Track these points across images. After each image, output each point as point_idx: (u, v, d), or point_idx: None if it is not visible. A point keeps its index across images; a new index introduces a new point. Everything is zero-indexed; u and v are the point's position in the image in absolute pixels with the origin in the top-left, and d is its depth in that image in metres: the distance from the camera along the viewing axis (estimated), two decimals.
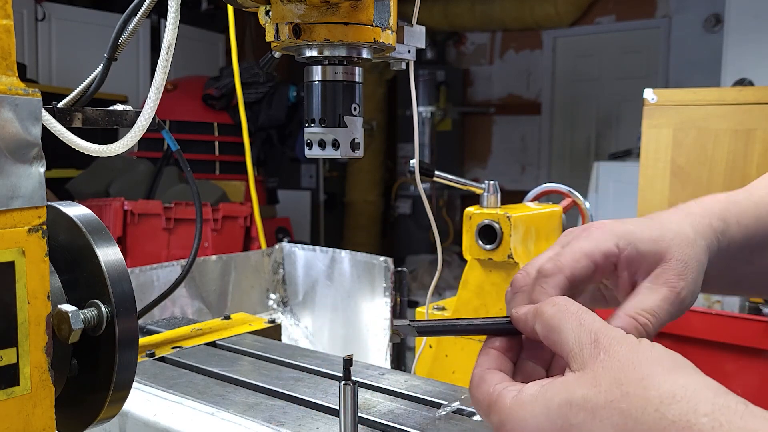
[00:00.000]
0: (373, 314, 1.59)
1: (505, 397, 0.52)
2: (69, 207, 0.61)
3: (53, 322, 0.54)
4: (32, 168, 0.50)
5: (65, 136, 0.64)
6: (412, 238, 7.15)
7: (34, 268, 0.51)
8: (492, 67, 7.46)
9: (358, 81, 0.83)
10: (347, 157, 0.82)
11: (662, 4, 6.37)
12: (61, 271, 0.59)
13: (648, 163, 2.07)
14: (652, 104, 2.04)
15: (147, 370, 1.02)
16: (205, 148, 4.54)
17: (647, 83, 6.06)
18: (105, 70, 0.75)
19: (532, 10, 6.57)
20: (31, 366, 0.51)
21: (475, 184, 1.36)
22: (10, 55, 0.49)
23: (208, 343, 1.16)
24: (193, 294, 1.60)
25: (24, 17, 4.87)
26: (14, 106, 0.49)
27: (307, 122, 0.82)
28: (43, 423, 0.52)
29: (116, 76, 1.14)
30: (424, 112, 7.00)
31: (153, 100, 0.67)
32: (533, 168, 7.32)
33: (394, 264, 1.55)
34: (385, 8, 0.79)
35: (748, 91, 1.97)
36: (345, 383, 0.74)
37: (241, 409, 0.87)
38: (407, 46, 0.88)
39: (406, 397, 0.92)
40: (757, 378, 1.78)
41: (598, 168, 4.48)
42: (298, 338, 1.78)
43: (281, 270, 1.83)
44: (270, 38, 0.79)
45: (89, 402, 0.60)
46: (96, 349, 0.58)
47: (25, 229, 0.50)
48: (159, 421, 0.87)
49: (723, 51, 4.13)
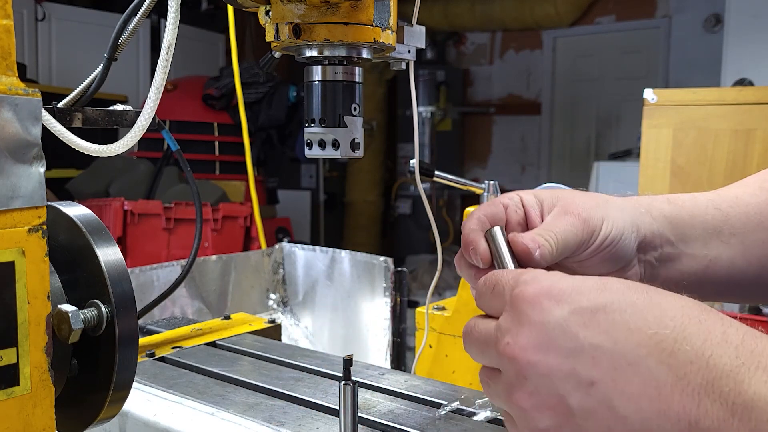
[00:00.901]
0: (373, 314, 1.59)
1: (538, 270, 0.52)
2: (69, 207, 0.61)
3: (53, 322, 0.54)
4: (32, 168, 0.50)
5: (65, 136, 0.64)
6: (412, 238, 7.15)
7: (34, 268, 0.51)
8: (492, 67, 7.46)
9: (358, 81, 0.83)
10: (347, 157, 0.82)
11: (662, 4, 6.37)
12: (61, 271, 0.59)
13: (648, 163, 2.07)
14: (652, 104, 2.04)
15: (147, 370, 1.02)
16: (205, 148, 4.54)
17: (647, 83, 6.06)
18: (105, 70, 0.75)
19: (532, 10, 6.56)
20: (31, 366, 0.51)
21: (475, 184, 1.36)
22: (10, 55, 0.49)
23: (208, 343, 1.16)
24: (193, 294, 1.60)
25: (24, 17, 4.87)
26: (14, 106, 0.49)
27: (307, 122, 0.82)
28: (43, 423, 0.52)
29: (116, 76, 1.14)
30: (424, 112, 7.00)
31: (153, 100, 0.67)
32: (533, 168, 7.31)
33: (394, 264, 1.55)
34: (385, 8, 0.79)
35: (748, 91, 1.97)
36: (345, 383, 0.74)
37: (241, 409, 0.87)
38: (407, 46, 0.88)
39: (406, 397, 0.92)
40: None
41: (598, 168, 4.48)
42: (298, 338, 1.78)
43: (281, 270, 1.83)
44: (270, 38, 0.79)
45: (89, 402, 0.60)
46: (96, 349, 0.58)
47: (25, 229, 0.50)
48: (159, 421, 0.87)
49: (723, 51, 4.13)
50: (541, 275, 0.50)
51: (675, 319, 0.44)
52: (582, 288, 0.48)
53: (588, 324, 0.46)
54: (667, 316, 0.45)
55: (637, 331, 0.45)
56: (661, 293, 0.47)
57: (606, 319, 0.46)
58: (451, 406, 0.85)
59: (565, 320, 0.46)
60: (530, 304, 0.48)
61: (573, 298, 0.47)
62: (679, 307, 0.45)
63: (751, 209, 0.68)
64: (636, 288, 0.47)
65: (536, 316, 0.47)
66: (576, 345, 0.46)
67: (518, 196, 0.66)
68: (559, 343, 0.46)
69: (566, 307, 0.47)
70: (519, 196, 0.66)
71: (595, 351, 0.45)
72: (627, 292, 0.47)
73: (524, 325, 0.48)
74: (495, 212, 0.64)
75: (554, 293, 0.48)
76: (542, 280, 0.49)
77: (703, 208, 0.67)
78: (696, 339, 0.43)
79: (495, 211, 0.64)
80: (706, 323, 0.44)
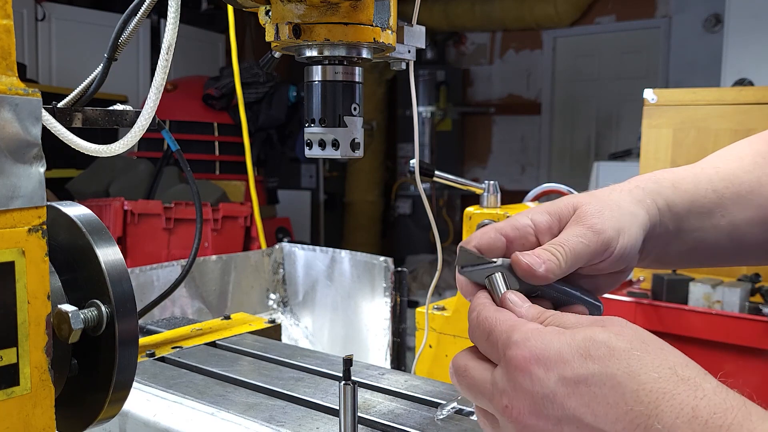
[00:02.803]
0: (373, 314, 1.59)
1: (529, 323, 0.55)
2: (69, 207, 0.61)
3: (53, 322, 0.54)
4: (32, 168, 0.50)
5: (65, 136, 0.64)
6: (412, 238, 7.15)
7: (34, 268, 0.51)
8: (492, 67, 7.46)
9: (358, 81, 0.83)
10: (347, 157, 0.82)
11: (662, 4, 6.37)
12: (61, 271, 0.59)
13: (648, 163, 2.07)
14: (652, 104, 2.04)
15: (147, 370, 1.02)
16: (205, 148, 4.54)
17: (647, 83, 6.05)
18: (105, 70, 0.75)
19: (531, 10, 6.56)
20: (31, 366, 0.51)
21: (475, 184, 1.36)
22: (10, 55, 0.49)
23: (208, 343, 1.16)
24: (193, 294, 1.60)
25: (24, 17, 4.87)
26: (14, 106, 0.49)
27: (307, 122, 0.82)
28: (43, 423, 0.52)
29: (116, 76, 1.14)
30: (424, 112, 7.00)
31: (153, 100, 0.67)
32: (533, 168, 7.31)
33: (394, 264, 1.55)
34: (385, 8, 0.79)
35: (747, 91, 1.97)
36: (345, 383, 0.74)
37: (241, 409, 0.87)
38: (407, 46, 0.88)
39: (405, 397, 0.92)
40: (757, 378, 1.79)
41: (597, 168, 4.48)
42: (298, 338, 1.78)
43: (281, 270, 1.83)
44: (270, 38, 0.79)
45: (89, 402, 0.60)
46: (96, 349, 0.58)
47: (25, 229, 0.50)
48: (159, 421, 0.87)
49: (723, 51, 4.13)
50: (531, 335, 0.53)
51: (650, 394, 0.47)
52: (567, 356, 0.50)
53: (571, 395, 0.49)
54: (643, 391, 0.47)
55: (614, 406, 0.47)
56: (642, 356, 0.49)
57: (588, 392, 0.49)
58: (450, 406, 0.85)
59: (552, 392, 0.50)
60: (522, 372, 0.52)
61: (559, 367, 0.50)
62: (655, 379, 0.47)
63: (744, 188, 0.70)
64: (619, 354, 0.49)
65: (527, 384, 0.51)
66: (563, 414, 0.50)
67: (530, 222, 0.63)
68: (549, 411, 0.50)
69: (552, 377, 0.50)
70: (531, 220, 0.64)
71: (579, 422, 0.49)
72: (609, 362, 0.49)
73: (518, 391, 0.52)
74: (491, 243, 0.62)
75: (542, 361, 0.51)
76: (531, 344, 0.52)
77: (702, 191, 0.69)
78: (667, 417, 0.45)
79: (490, 242, 0.62)
80: (678, 398, 0.46)
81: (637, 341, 0.50)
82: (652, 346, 0.50)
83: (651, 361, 0.48)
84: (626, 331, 0.51)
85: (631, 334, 0.50)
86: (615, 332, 0.51)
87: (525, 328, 0.53)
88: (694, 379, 0.47)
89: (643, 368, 0.48)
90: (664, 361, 0.48)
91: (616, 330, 0.51)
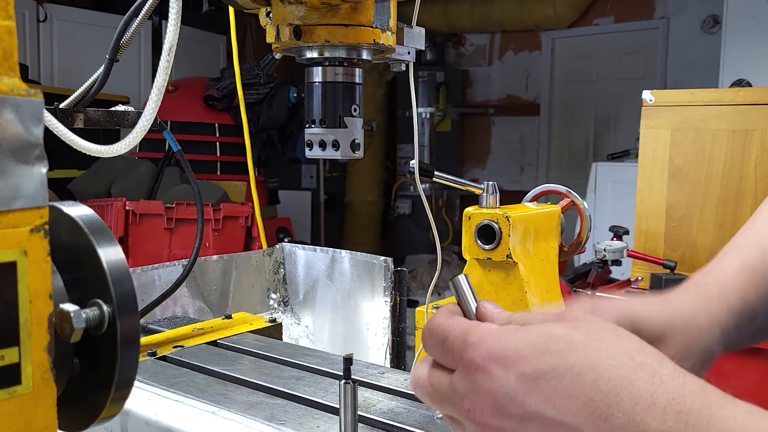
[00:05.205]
0: (373, 314, 1.59)
1: (483, 324, 0.54)
2: (71, 207, 0.61)
3: (55, 322, 0.54)
4: (34, 168, 0.50)
5: (67, 137, 0.64)
6: (411, 238, 7.15)
7: (36, 267, 0.51)
8: (491, 68, 7.46)
9: (358, 82, 0.83)
10: (347, 157, 0.82)
11: (660, 5, 6.37)
12: (63, 270, 0.59)
13: (646, 164, 2.07)
14: (651, 105, 2.05)
15: (148, 369, 1.02)
16: (206, 148, 4.54)
17: (645, 84, 6.07)
18: (107, 71, 0.76)
19: (530, 11, 6.57)
20: (33, 365, 0.51)
21: (474, 185, 1.36)
22: (12, 56, 0.49)
23: (209, 342, 1.16)
24: (194, 293, 1.60)
25: (26, 18, 4.87)
26: (16, 106, 0.49)
27: (308, 123, 0.83)
28: (45, 422, 0.52)
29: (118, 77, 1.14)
30: (424, 112, 7.00)
31: (154, 101, 0.67)
32: (532, 168, 7.32)
33: (394, 264, 1.56)
34: (385, 10, 0.79)
35: (745, 92, 1.97)
36: (345, 382, 0.75)
37: (242, 408, 0.87)
38: (407, 48, 0.88)
39: (405, 396, 0.92)
40: (756, 377, 1.79)
41: (596, 168, 4.48)
42: (299, 337, 1.78)
43: (282, 270, 1.83)
44: (271, 39, 0.80)
45: (91, 401, 0.60)
46: (98, 349, 0.59)
47: (27, 229, 0.50)
48: (160, 419, 0.87)
49: (721, 52, 4.13)
50: (487, 336, 0.52)
51: (609, 382, 0.46)
52: (524, 352, 0.50)
53: (532, 391, 0.49)
54: (602, 380, 0.47)
55: (575, 398, 0.47)
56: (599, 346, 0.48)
57: (548, 386, 0.48)
58: None
59: (512, 389, 0.49)
60: (481, 372, 0.51)
61: (516, 365, 0.50)
62: (612, 367, 0.47)
63: None
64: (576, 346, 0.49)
65: (487, 384, 0.50)
66: (525, 411, 0.49)
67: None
68: (511, 410, 0.50)
69: (512, 375, 0.49)
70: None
71: (541, 418, 0.49)
72: (567, 355, 0.49)
73: (479, 393, 0.51)
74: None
75: (500, 359, 0.50)
76: (487, 344, 0.51)
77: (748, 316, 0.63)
78: (627, 405, 0.45)
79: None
80: (636, 384, 0.46)
81: (593, 332, 0.50)
82: (608, 333, 0.49)
83: (607, 349, 0.48)
84: (582, 324, 0.51)
85: (587, 326, 0.50)
86: (572, 326, 0.50)
87: (480, 329, 0.53)
88: (651, 364, 0.47)
89: (601, 357, 0.48)
90: (620, 348, 0.48)
91: (572, 323, 0.51)
